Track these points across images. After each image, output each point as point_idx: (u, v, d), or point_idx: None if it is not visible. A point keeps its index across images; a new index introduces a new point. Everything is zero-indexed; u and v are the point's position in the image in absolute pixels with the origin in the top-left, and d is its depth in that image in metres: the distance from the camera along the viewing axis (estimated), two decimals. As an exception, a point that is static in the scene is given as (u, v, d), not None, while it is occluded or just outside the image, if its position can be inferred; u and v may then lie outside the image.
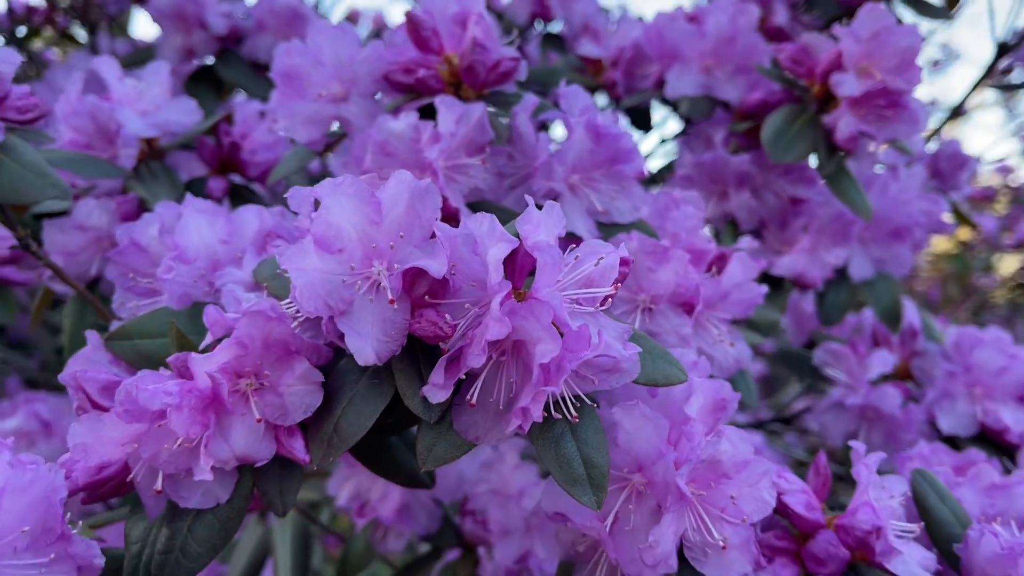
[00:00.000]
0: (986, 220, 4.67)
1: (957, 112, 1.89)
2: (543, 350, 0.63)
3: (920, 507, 0.91)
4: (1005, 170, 4.67)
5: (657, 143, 1.48)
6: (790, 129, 1.12)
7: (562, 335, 0.64)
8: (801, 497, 0.84)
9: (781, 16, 1.40)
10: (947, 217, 1.62)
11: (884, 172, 1.47)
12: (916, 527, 0.83)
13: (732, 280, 0.92)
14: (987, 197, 4.66)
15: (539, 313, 0.63)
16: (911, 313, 1.41)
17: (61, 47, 2.69)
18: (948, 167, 1.74)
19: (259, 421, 0.68)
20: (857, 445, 0.88)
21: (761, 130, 1.11)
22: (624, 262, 0.71)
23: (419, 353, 0.67)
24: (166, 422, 0.66)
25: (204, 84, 1.58)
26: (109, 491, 0.73)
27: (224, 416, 0.68)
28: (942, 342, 1.33)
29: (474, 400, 0.66)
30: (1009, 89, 1.68)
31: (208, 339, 0.70)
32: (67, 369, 0.76)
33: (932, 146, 1.84)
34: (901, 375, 1.36)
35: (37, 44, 2.72)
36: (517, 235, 0.66)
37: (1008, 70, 1.74)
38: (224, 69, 1.57)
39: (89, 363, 0.78)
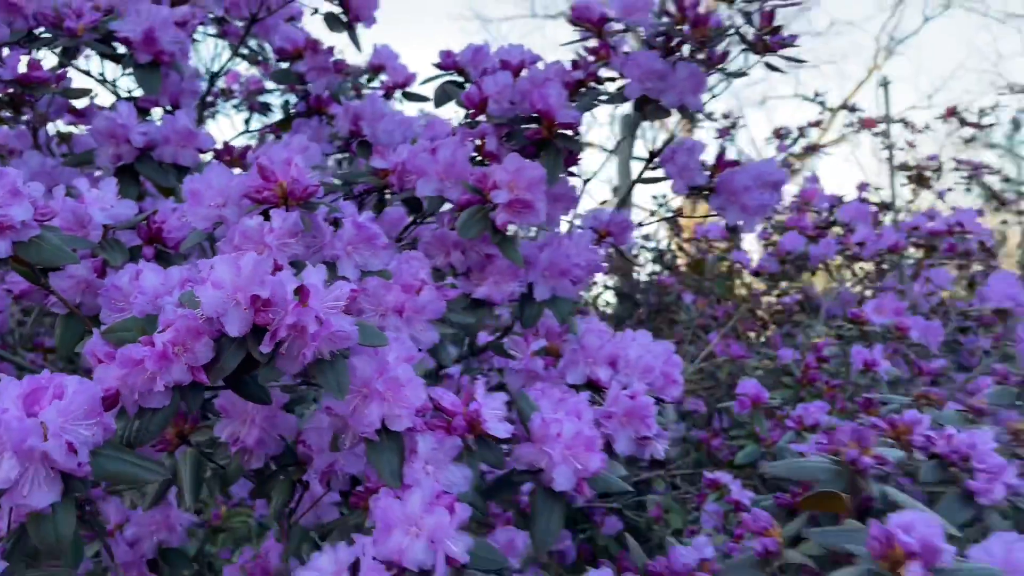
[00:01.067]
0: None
1: (631, 191, 2.85)
2: (312, 329, 1.40)
3: (518, 409, 1.76)
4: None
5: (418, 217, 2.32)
6: (474, 218, 1.95)
7: (321, 323, 1.39)
8: (450, 400, 1.65)
9: (492, 144, 2.26)
10: (604, 262, 2.55)
11: (563, 234, 2.36)
12: (504, 410, 1.68)
13: (425, 300, 1.74)
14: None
15: (311, 314, 1.26)
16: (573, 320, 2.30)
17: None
18: (617, 230, 2.67)
19: (185, 365, 1.44)
20: (480, 379, 1.73)
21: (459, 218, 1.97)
22: (354, 291, 1.52)
23: (259, 331, 1.11)
24: (143, 365, 1.40)
25: (127, 177, 2.23)
26: (108, 404, 1.47)
27: (168, 363, 1.38)
28: (577, 333, 2.22)
29: (284, 352, 1.12)
30: (651, 182, 2.62)
31: (160, 328, 1.46)
32: (87, 347, 1.50)
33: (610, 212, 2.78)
34: (555, 353, 2.23)
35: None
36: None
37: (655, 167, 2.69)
38: (141, 167, 2.18)
39: (96, 345, 1.52)
